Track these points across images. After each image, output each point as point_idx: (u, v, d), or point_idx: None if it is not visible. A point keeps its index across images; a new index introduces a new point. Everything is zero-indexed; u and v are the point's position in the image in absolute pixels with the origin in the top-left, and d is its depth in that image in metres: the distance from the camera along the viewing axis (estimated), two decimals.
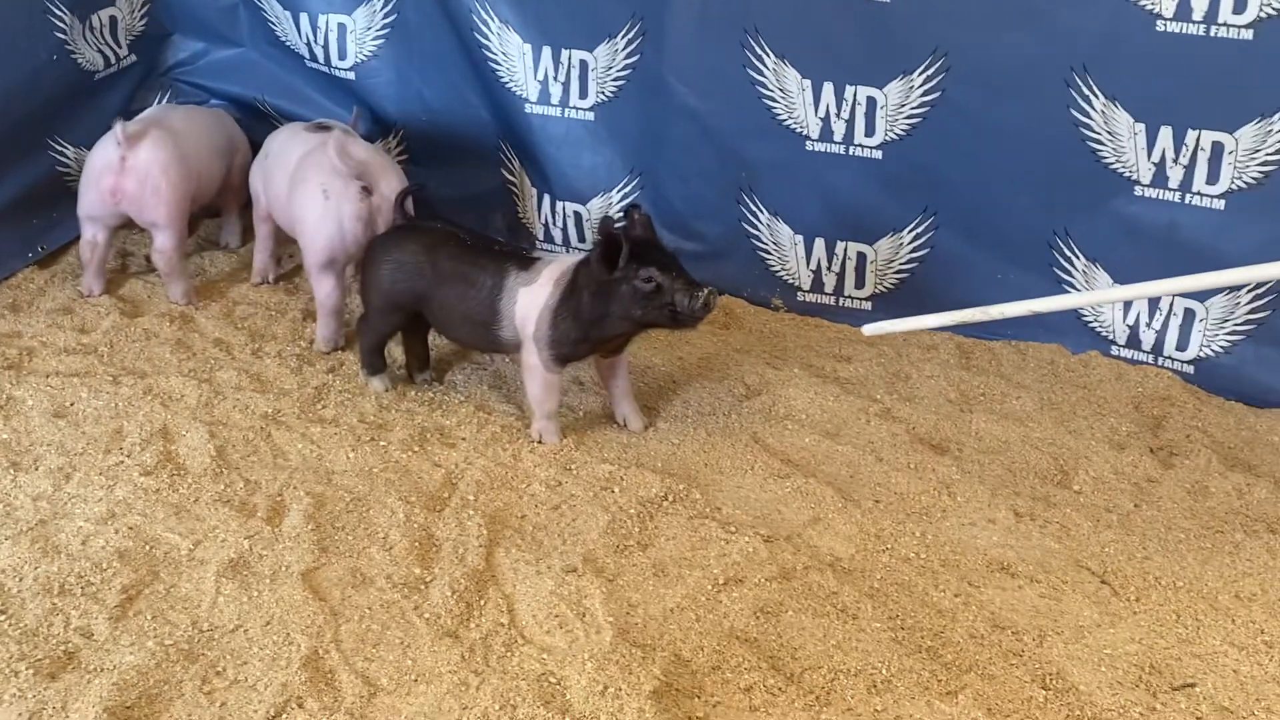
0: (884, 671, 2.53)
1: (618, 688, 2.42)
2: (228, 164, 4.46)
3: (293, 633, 2.58)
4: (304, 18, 4.70)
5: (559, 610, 2.66)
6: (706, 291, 3.12)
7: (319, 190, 3.72)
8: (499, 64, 4.39)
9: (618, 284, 3.15)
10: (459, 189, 4.70)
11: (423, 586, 2.74)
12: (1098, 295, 3.30)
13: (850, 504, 3.13)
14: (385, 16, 4.59)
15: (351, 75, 4.71)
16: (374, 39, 4.64)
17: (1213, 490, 3.21)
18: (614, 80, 4.26)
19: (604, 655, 2.50)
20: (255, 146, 4.38)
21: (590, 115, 4.33)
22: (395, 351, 3.71)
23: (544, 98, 4.36)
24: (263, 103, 4.77)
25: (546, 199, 4.51)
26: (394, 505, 3.01)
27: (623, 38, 4.19)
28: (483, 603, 2.69)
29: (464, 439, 3.34)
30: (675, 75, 4.14)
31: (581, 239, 4.50)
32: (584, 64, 4.28)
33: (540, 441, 3.35)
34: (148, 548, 2.84)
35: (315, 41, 4.71)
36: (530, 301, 3.28)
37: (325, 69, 4.74)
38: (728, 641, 2.60)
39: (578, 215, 4.47)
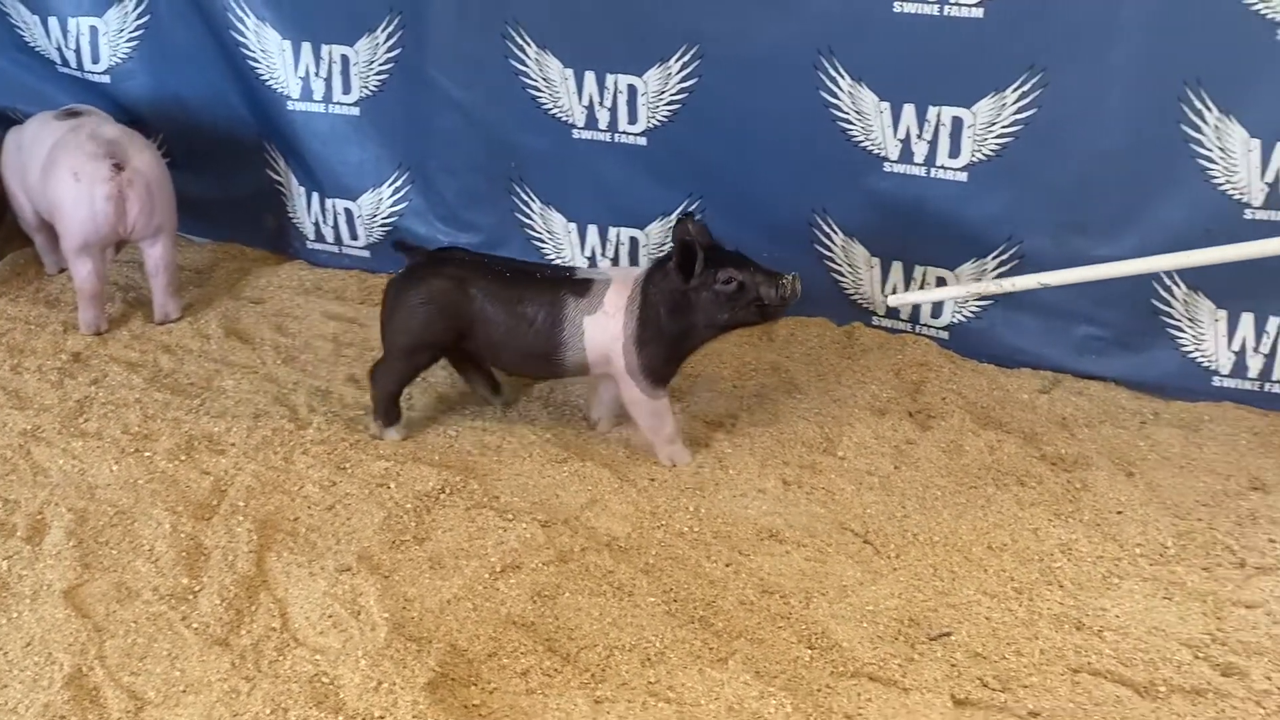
0: (657, 644, 2.60)
1: (391, 682, 2.42)
2: None
3: (55, 652, 2.51)
4: (53, 22, 4.55)
5: (333, 610, 2.65)
6: (791, 278, 3.10)
7: (70, 174, 3.67)
8: (258, 62, 4.32)
9: (697, 292, 3.10)
10: (225, 191, 4.62)
11: (191, 596, 2.69)
12: (1104, 270, 3.31)
13: (626, 484, 3.19)
14: (138, 18, 4.48)
15: (106, 79, 4.58)
16: (127, 41, 4.51)
17: (967, 448, 3.37)
18: (376, 74, 4.23)
19: (378, 651, 2.50)
20: None
21: (355, 110, 4.30)
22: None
23: (306, 94, 4.30)
24: (14, 111, 4.57)
25: (315, 197, 4.46)
26: (160, 516, 2.94)
27: (383, 31, 4.17)
28: (254, 609, 2.66)
29: (233, 445, 3.29)
30: (438, 68, 4.14)
31: (353, 236, 4.46)
32: (345, 59, 4.25)
33: (673, 465, 3.29)
34: None
35: (66, 46, 4.56)
36: (603, 333, 3.17)
37: (78, 74, 4.59)
38: (505, 628, 2.62)
39: (348, 212, 4.43)
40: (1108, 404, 3.63)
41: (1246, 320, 3.59)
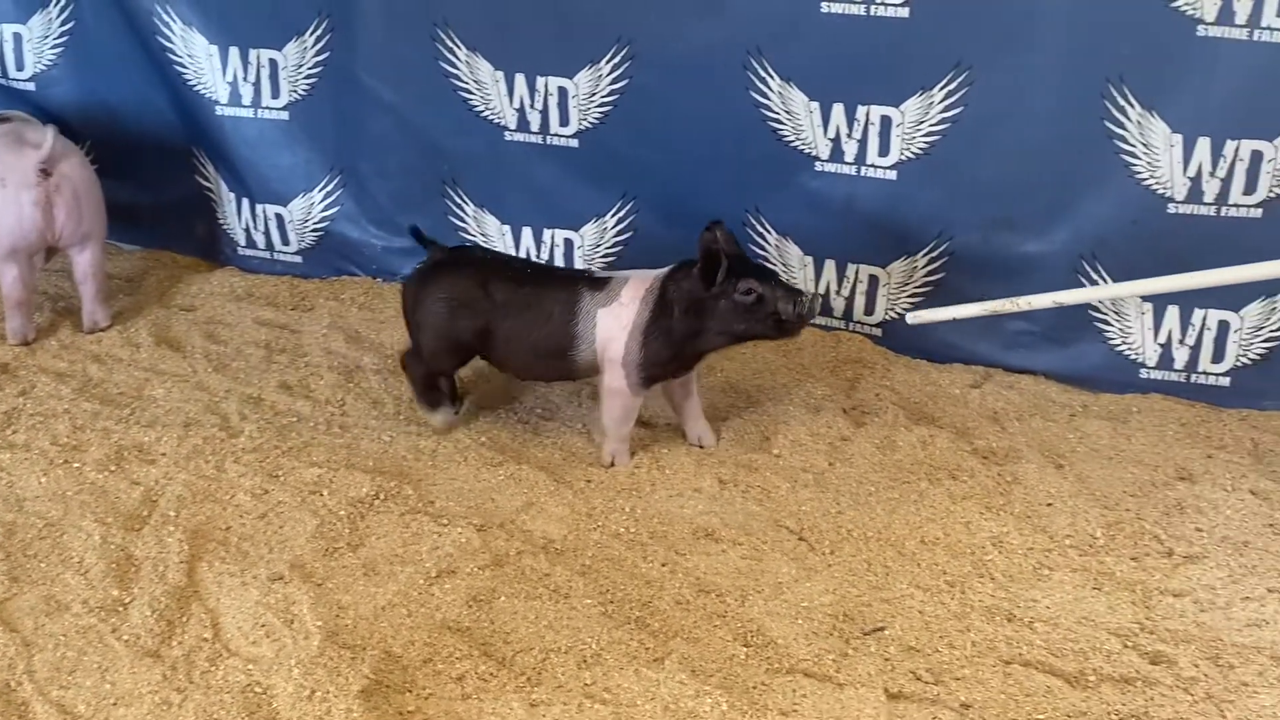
0: (594, 646, 2.60)
1: (325, 691, 2.40)
2: None
3: None
4: None
5: (265, 620, 2.63)
6: (810, 296, 3.09)
7: None
8: (185, 67, 4.28)
9: (716, 299, 3.09)
10: (154, 197, 4.57)
11: (121, 608, 2.66)
12: (1122, 289, 3.30)
13: (563, 486, 3.19)
14: (63, 24, 4.42)
15: (31, 86, 4.52)
16: (52, 47, 4.46)
17: (899, 444, 3.40)
18: (306, 78, 4.20)
19: (311, 660, 2.49)
20: None
21: (284, 115, 4.27)
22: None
23: (235, 99, 4.27)
24: None
25: (245, 202, 4.42)
26: (89, 528, 2.91)
27: (311, 35, 4.14)
28: (185, 619, 2.63)
29: (164, 454, 3.25)
30: (368, 71, 4.13)
31: (285, 242, 4.42)
32: (274, 63, 4.21)
33: (612, 465, 3.28)
34: None
35: None
36: (614, 322, 3.17)
37: (2, 81, 4.53)
38: (440, 633, 2.61)
39: (279, 218, 4.39)
40: (1038, 397, 3.68)
41: (1172, 313, 3.64)
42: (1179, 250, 3.53)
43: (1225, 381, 3.66)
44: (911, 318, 3.29)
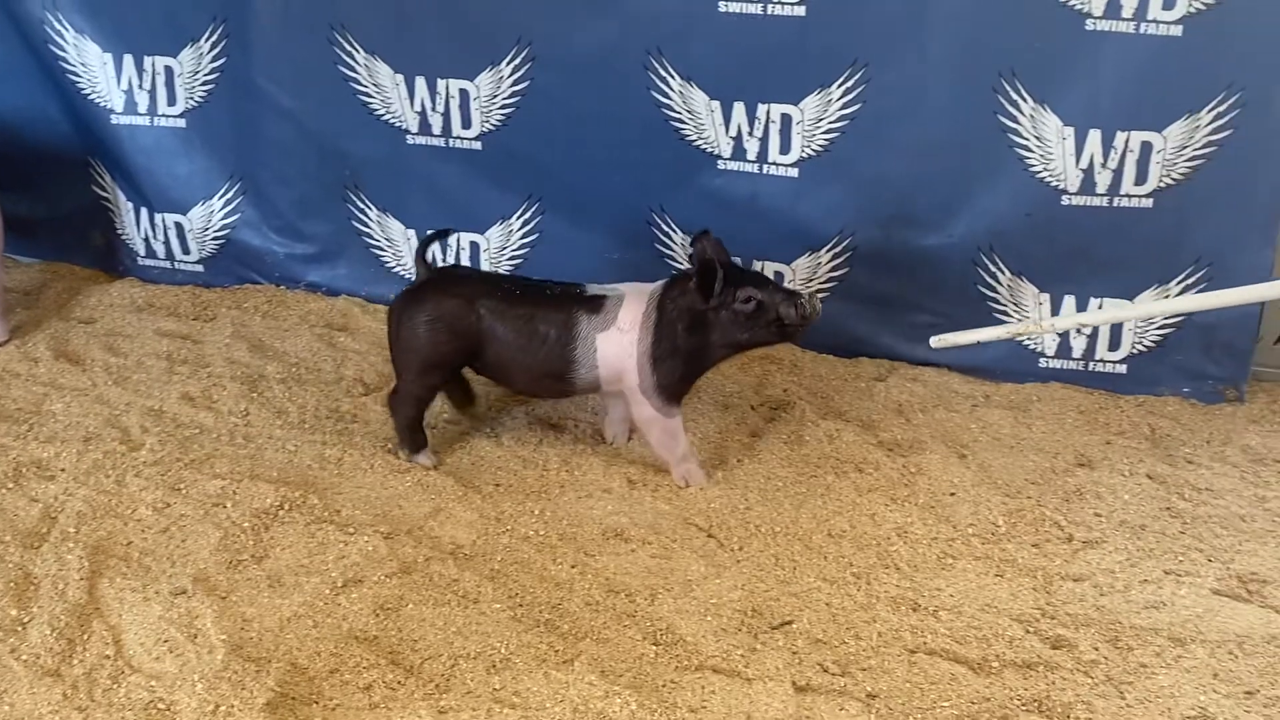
0: (503, 650, 2.59)
1: (230, 705, 2.37)
2: None
3: None
4: None
5: (168, 635, 2.58)
6: (807, 296, 3.04)
7: None
8: (79, 75, 4.20)
9: (716, 311, 3.04)
10: (51, 208, 4.49)
11: (20, 628, 2.60)
12: (1142, 308, 3.40)
13: (471, 491, 3.18)
14: None
15: None
16: None
17: (807, 438, 3.43)
18: (202, 85, 4.14)
19: (215, 674, 2.45)
20: None
21: (181, 122, 4.21)
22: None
23: (130, 107, 4.20)
24: None
25: (144, 212, 4.35)
26: None
27: (206, 41, 4.09)
28: (86, 637, 2.58)
29: (63, 470, 3.18)
30: (265, 76, 4.08)
31: (186, 251, 4.36)
32: (169, 70, 4.15)
33: (687, 485, 3.22)
34: None
35: None
36: (617, 350, 3.10)
37: None
38: (347, 643, 2.59)
39: (179, 227, 4.33)
40: (941, 389, 3.73)
41: (1069, 303, 3.71)
42: (1074, 241, 3.62)
43: (1122, 369, 3.74)
44: (935, 341, 3.19)
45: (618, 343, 3.11)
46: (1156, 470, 3.30)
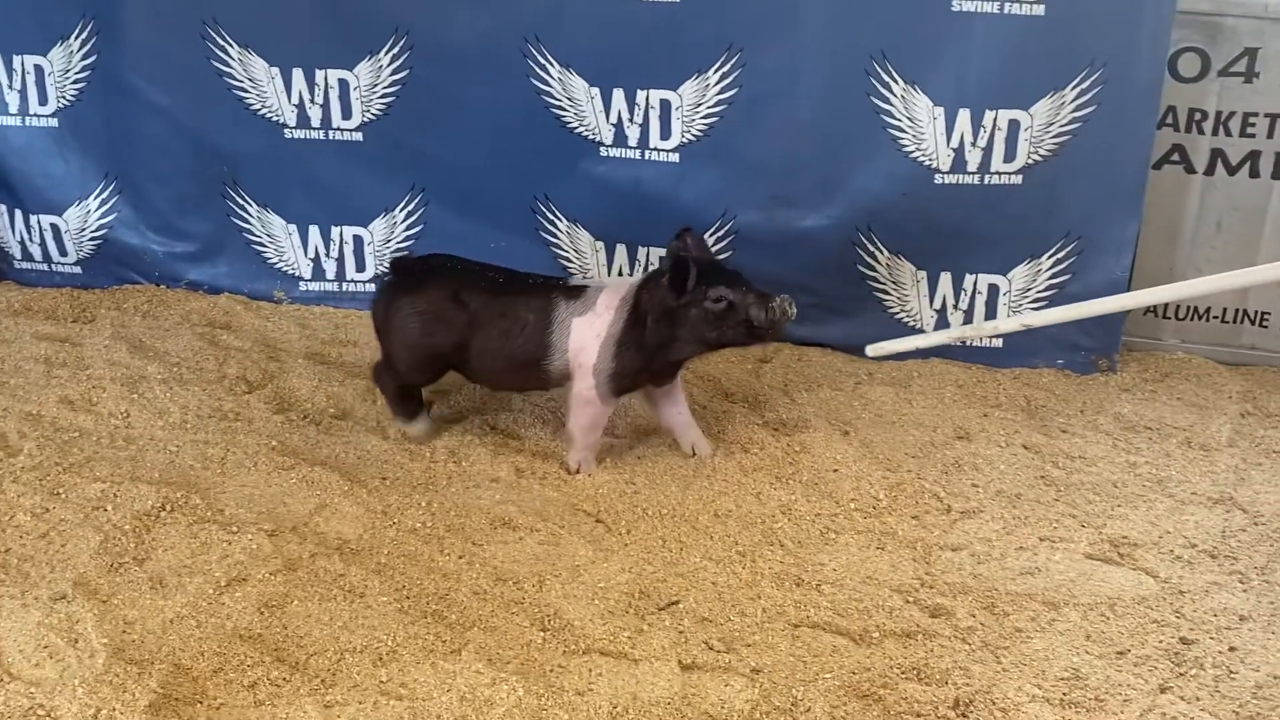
0: (389, 642, 2.58)
1: (111, 708, 2.34)
2: None
3: None
4: None
5: (48, 640, 2.54)
6: (780, 299, 2.99)
7: None
8: None
9: (686, 308, 3.00)
10: None
11: None
12: (1089, 307, 3.13)
13: (357, 485, 3.16)
14: None
15: None
16: None
17: (695, 421, 3.46)
18: (74, 83, 4.06)
19: (96, 678, 2.42)
20: None
21: (54, 121, 4.12)
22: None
23: (1, 108, 4.09)
24: None
25: (18, 214, 4.25)
26: None
27: (76, 39, 4.01)
28: None
29: None
30: (137, 73, 4.01)
31: (63, 253, 4.27)
32: (39, 69, 4.07)
33: (577, 472, 3.21)
34: None
35: None
36: (587, 331, 3.09)
37: None
38: (231, 642, 2.57)
39: (55, 228, 4.24)
40: (825, 368, 3.79)
41: (945, 280, 3.79)
42: (949, 219, 3.69)
43: (999, 343, 3.83)
44: (871, 350, 3.21)
45: (590, 324, 3.12)
46: (1032, 440, 3.39)
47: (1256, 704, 2.45)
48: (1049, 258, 3.71)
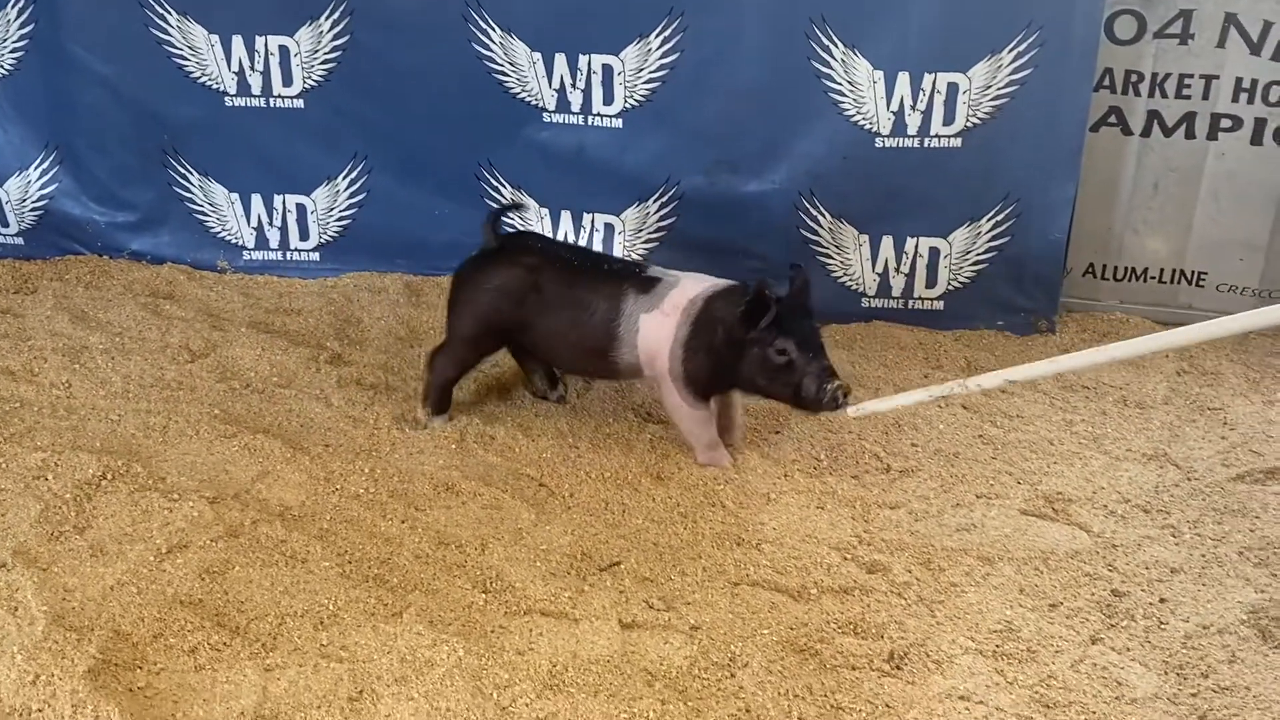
0: (330, 606, 2.59)
1: (50, 674, 2.34)
2: None
3: None
4: None
5: None
6: (837, 385, 2.88)
7: None
8: None
9: (751, 344, 2.92)
10: None
11: None
12: (1068, 361, 2.88)
13: (299, 453, 3.16)
14: None
15: None
16: None
17: (638, 385, 3.48)
18: (11, 53, 4.02)
19: (35, 645, 2.41)
20: None
21: None
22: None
23: None
24: None
25: None
26: None
27: (13, 8, 3.97)
28: None
29: None
30: (76, 41, 3.97)
31: (4, 224, 4.22)
32: None
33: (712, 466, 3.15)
34: None
35: None
36: (656, 332, 3.01)
37: None
38: (171, 608, 2.57)
39: None
40: None
41: (887, 243, 3.82)
42: (889, 183, 3.72)
43: (940, 305, 3.87)
44: (853, 410, 3.06)
45: (658, 324, 3.04)
46: (971, 400, 3.43)
47: (1186, 653, 2.50)
48: (988, 220, 3.75)
